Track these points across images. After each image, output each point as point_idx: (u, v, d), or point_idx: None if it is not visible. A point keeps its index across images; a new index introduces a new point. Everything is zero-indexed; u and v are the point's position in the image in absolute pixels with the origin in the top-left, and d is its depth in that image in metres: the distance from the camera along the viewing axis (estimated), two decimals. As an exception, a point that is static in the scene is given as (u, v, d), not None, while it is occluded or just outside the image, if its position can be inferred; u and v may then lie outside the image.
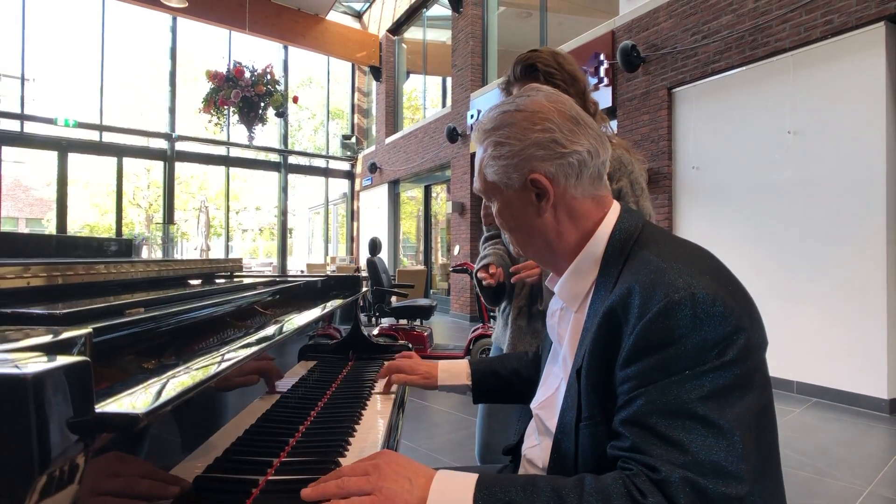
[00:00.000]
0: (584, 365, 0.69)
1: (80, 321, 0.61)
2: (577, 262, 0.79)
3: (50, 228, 19.41)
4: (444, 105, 10.50)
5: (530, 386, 1.00)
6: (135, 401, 0.49)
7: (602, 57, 5.57)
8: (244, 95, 5.61)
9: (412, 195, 11.35)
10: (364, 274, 8.71)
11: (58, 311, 0.61)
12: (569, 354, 0.80)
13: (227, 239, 11.83)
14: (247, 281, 1.37)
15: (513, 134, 0.77)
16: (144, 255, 12.97)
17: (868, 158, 3.55)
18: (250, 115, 5.89)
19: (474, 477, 0.62)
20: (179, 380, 0.58)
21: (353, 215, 13.33)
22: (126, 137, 10.16)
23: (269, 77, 5.88)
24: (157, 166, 16.76)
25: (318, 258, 16.34)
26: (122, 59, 17.11)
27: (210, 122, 5.93)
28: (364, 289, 2.15)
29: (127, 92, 17.33)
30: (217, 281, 1.35)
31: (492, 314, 5.05)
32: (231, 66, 5.75)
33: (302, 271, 13.65)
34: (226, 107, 5.72)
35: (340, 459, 0.83)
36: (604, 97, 5.55)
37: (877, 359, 3.47)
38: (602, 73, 5.56)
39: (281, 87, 6.10)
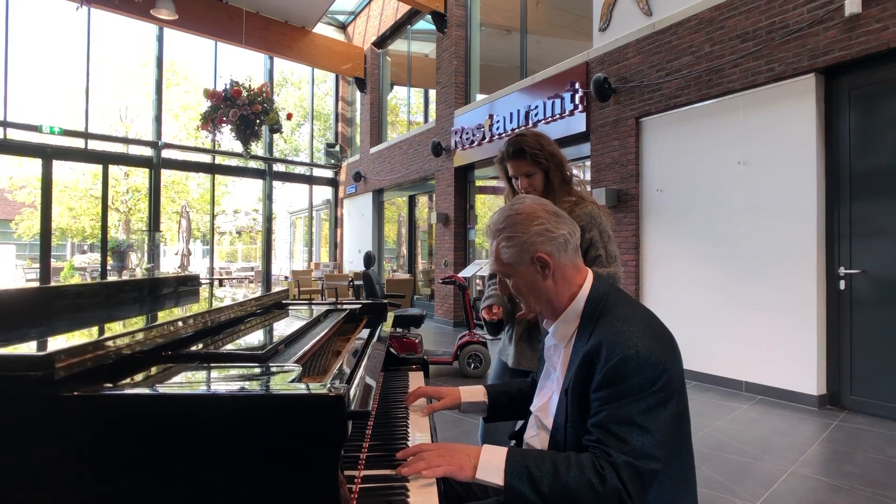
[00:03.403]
0: (570, 387, 1.14)
1: (270, 357, 1.04)
2: (565, 314, 1.24)
3: (20, 231, 19.17)
4: (425, 115, 10.94)
5: (530, 402, 1.45)
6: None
7: (577, 85, 6.09)
8: (241, 114, 5.95)
9: (391, 200, 11.74)
10: (356, 282, 9.09)
11: (259, 352, 1.03)
12: (560, 376, 1.25)
13: (213, 244, 12.02)
14: (315, 310, 1.79)
15: (518, 230, 1.21)
16: (135, 261, 13.05)
17: (803, 187, 4.12)
18: (247, 133, 6.23)
19: (505, 449, 1.06)
20: (353, 388, 0.99)
21: (336, 222, 13.66)
22: (112, 145, 10.33)
23: (264, 95, 6.23)
24: (136, 171, 16.82)
25: (301, 264, 16.59)
26: (107, 66, 17.07)
27: (207, 137, 6.22)
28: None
29: (113, 99, 17.31)
30: (289, 308, 1.76)
31: (478, 322, 5.51)
32: (229, 86, 6.07)
33: (286, 277, 13.91)
34: (223, 124, 6.03)
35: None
36: (578, 123, 6.08)
37: (809, 361, 4.05)
38: (577, 101, 6.08)
39: (276, 105, 6.44)
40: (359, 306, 2.00)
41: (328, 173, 13.67)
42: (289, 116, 6.69)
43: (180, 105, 18.28)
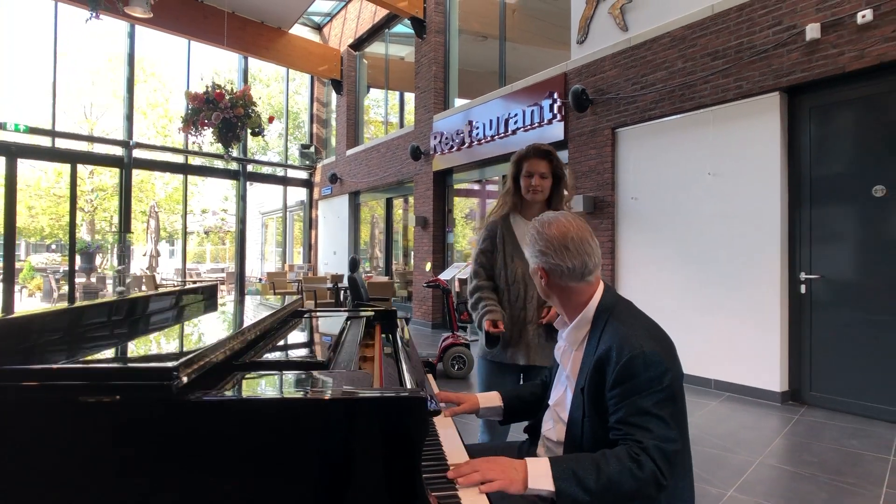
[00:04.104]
0: (585, 386, 1.30)
1: (330, 363, 1.17)
2: (577, 320, 1.40)
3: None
4: (401, 118, 11.04)
5: (542, 404, 1.61)
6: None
7: (556, 95, 6.31)
8: (224, 117, 5.95)
9: (367, 202, 11.80)
10: (340, 285, 9.12)
11: (322, 360, 1.15)
12: (571, 375, 1.41)
13: (185, 245, 11.85)
14: (339, 319, 1.90)
15: (549, 245, 1.37)
16: (99, 262, 12.65)
17: (767, 197, 4.42)
18: (228, 136, 6.22)
19: (546, 458, 1.19)
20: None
21: (311, 223, 13.62)
22: (80, 143, 10.08)
23: (246, 98, 6.24)
24: (102, 170, 16.36)
25: (273, 265, 16.43)
26: (77, 64, 16.53)
27: (180, 136, 6.17)
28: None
29: (77, 96, 16.77)
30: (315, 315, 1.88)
31: (461, 324, 5.67)
32: (210, 88, 6.05)
33: (261, 279, 13.78)
34: (205, 127, 6.01)
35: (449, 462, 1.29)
36: (556, 131, 6.31)
37: (773, 360, 4.35)
38: (555, 110, 6.31)
39: (258, 108, 6.45)
40: (372, 314, 2.12)
41: (303, 174, 13.62)
42: (270, 120, 6.70)
43: (148, 103, 17.85)
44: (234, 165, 11.93)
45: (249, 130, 6.36)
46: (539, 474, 1.14)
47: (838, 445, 3.39)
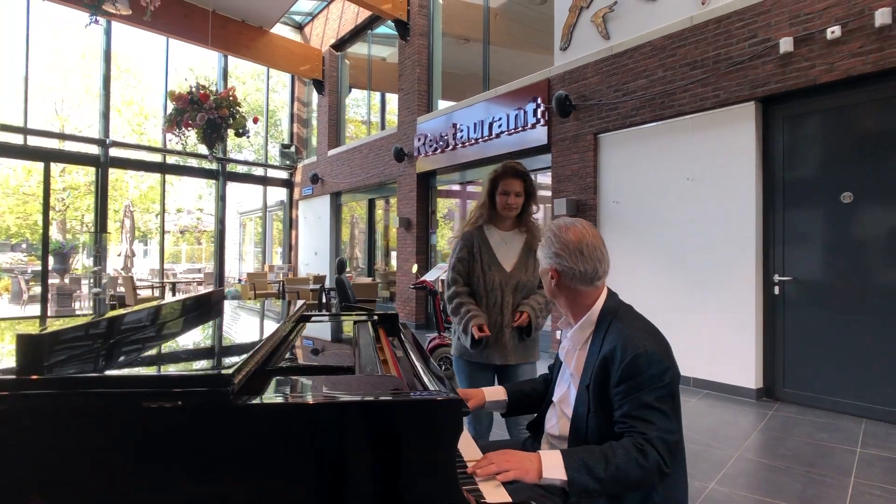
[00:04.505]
0: (591, 383, 1.40)
1: (355, 367, 1.23)
2: (582, 321, 1.49)
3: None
4: (382, 118, 11.08)
5: (543, 399, 1.70)
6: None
7: (539, 100, 6.45)
8: (209, 118, 5.91)
9: (350, 203, 11.80)
10: (327, 286, 9.11)
11: (349, 364, 1.22)
12: (575, 373, 1.50)
13: (163, 246, 11.68)
14: (346, 323, 1.96)
15: (565, 248, 1.45)
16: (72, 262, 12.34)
17: (743, 203, 4.61)
18: (213, 137, 6.18)
19: (558, 451, 1.28)
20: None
21: (290, 224, 13.54)
22: (54, 141, 9.83)
23: (231, 99, 6.21)
24: (74, 168, 15.94)
25: (251, 265, 16.26)
26: (44, 56, 16.06)
27: (171, 142, 6.13)
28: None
29: (48, 92, 16.30)
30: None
31: (447, 325, 5.75)
32: (195, 89, 6.01)
33: (240, 280, 13.64)
34: (189, 128, 5.97)
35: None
36: (540, 136, 6.44)
37: (748, 359, 4.54)
38: (539, 115, 6.44)
39: (243, 109, 6.42)
40: (376, 318, 2.19)
41: (283, 174, 13.53)
42: (255, 121, 6.68)
43: (123, 100, 17.47)
44: (213, 165, 11.80)
45: (233, 131, 6.33)
46: (552, 465, 1.23)
47: (810, 439, 3.58)
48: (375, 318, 2.20)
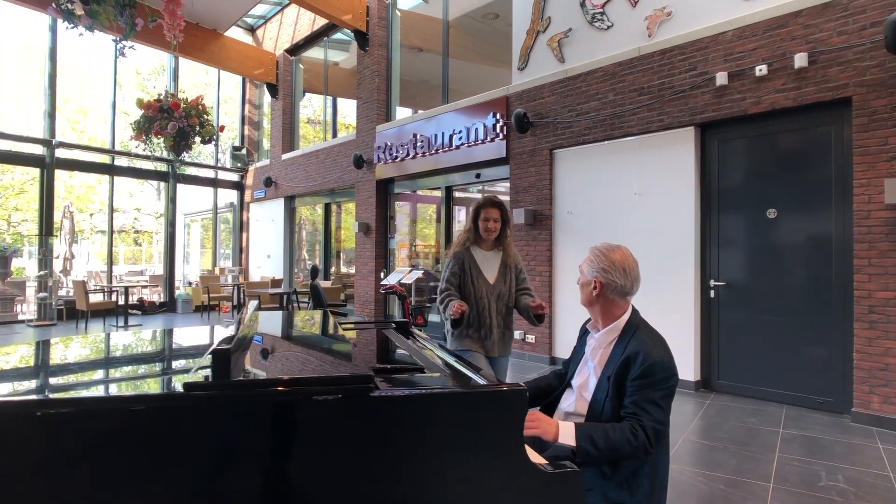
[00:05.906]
0: (612, 375, 1.74)
1: (374, 376, 1.51)
2: (610, 327, 1.84)
3: None
4: (334, 122, 11.19)
5: (554, 392, 2.03)
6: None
7: (498, 116, 6.85)
8: (179, 127, 5.90)
9: (304, 207, 11.80)
10: (295, 290, 9.10)
11: (421, 364, 1.50)
12: (598, 366, 1.84)
13: (110, 248, 11.26)
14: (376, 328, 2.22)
15: (612, 265, 1.80)
16: (36, 266, 11.56)
17: (684, 216, 5.18)
18: (181, 145, 6.16)
19: (572, 423, 1.63)
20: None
21: (241, 226, 13.34)
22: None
23: (200, 108, 6.20)
24: (14, 169, 14.94)
25: (197, 267, 15.79)
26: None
27: (138, 148, 6.06)
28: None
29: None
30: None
31: (417, 326, 6.01)
32: (165, 97, 5.97)
33: (191, 283, 13.26)
34: (159, 136, 5.93)
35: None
36: (499, 149, 6.85)
37: (689, 354, 5.11)
38: (498, 129, 6.84)
39: (212, 118, 6.42)
40: (394, 325, 2.47)
41: (233, 177, 13.32)
42: (221, 129, 6.69)
43: (64, 99, 16.52)
44: (164, 167, 11.47)
45: (200, 139, 6.32)
46: (566, 433, 1.61)
47: (741, 423, 4.14)
48: (393, 325, 2.47)
